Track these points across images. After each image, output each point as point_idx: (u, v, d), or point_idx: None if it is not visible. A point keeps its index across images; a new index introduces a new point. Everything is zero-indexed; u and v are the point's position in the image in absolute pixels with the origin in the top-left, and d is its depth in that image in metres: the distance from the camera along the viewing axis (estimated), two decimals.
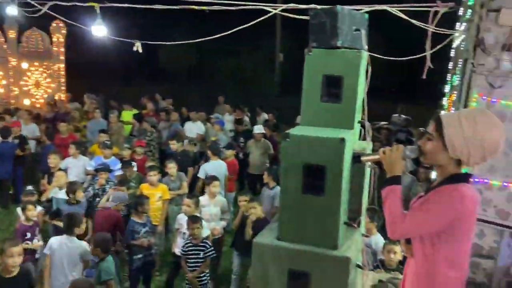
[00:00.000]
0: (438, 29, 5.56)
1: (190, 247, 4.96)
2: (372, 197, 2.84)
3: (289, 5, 5.77)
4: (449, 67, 6.75)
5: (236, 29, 5.40)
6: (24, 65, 14.04)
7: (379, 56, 5.38)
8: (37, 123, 9.93)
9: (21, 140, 8.67)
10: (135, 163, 7.29)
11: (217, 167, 7.00)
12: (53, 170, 6.68)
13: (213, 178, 6.10)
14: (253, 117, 12.19)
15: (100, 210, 5.80)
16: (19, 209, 5.65)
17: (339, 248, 2.54)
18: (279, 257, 2.57)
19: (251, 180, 8.77)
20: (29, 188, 6.40)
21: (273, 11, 5.74)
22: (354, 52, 2.79)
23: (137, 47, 6.08)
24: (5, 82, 14.06)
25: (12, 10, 7.82)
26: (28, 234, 5.25)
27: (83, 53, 18.69)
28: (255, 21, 5.07)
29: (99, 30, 6.78)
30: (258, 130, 8.59)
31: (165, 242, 6.53)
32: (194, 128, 9.92)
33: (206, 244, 4.98)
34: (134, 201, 5.75)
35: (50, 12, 7.14)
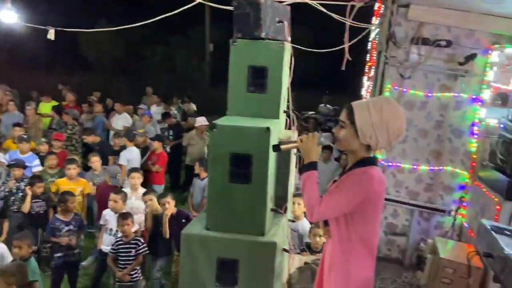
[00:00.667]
0: (354, 22, 5.86)
1: (121, 244, 4.81)
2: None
3: None
4: (367, 59, 7.17)
5: (159, 17, 5.25)
6: None
7: (302, 48, 5.54)
8: None
9: None
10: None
11: (134, 153, 7.19)
12: None
13: (132, 170, 5.97)
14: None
15: None
16: None
17: (266, 234, 2.63)
18: (208, 246, 2.60)
19: (189, 171, 8.59)
20: None
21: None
22: (277, 44, 2.87)
23: (50, 34, 5.69)
24: None
25: None
26: None
27: None
28: (179, 9, 4.96)
29: (9, 16, 6.25)
30: (201, 122, 8.37)
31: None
32: (121, 120, 9.57)
33: (138, 242, 4.85)
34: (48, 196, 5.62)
35: None
